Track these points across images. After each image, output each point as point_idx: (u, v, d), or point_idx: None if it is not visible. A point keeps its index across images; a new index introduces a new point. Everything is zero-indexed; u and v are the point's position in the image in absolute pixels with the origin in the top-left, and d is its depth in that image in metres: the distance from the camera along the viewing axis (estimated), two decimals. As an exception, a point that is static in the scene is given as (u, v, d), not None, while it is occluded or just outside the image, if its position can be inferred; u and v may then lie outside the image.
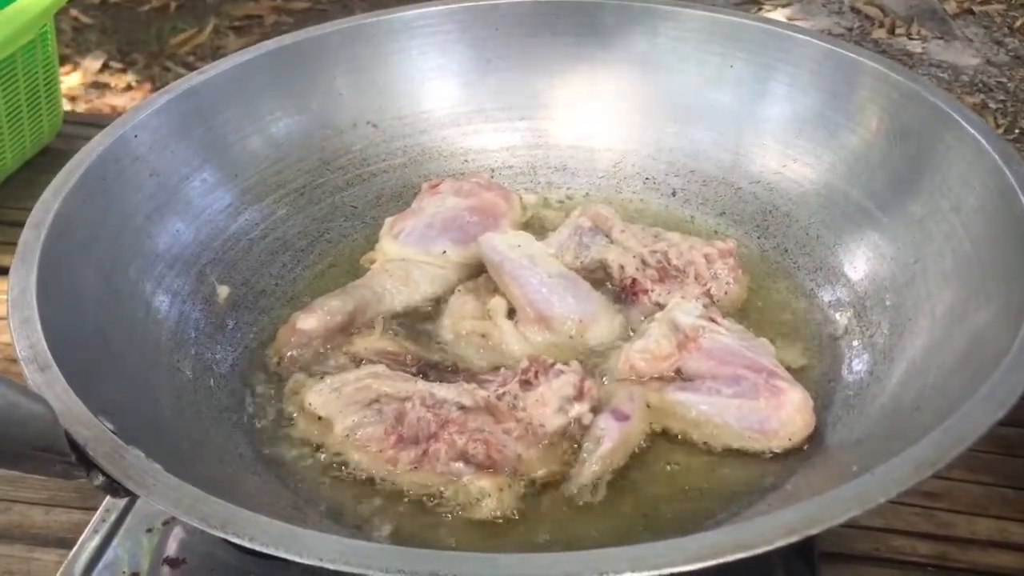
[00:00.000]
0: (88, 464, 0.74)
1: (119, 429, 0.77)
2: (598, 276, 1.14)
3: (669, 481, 0.93)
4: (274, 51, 1.24)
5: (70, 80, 3.37)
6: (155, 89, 3.53)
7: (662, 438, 0.97)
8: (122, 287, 1.00)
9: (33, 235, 0.94)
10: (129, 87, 3.45)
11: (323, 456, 0.96)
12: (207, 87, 1.17)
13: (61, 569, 0.93)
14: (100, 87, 3.43)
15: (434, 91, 1.32)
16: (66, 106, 1.61)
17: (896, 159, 1.10)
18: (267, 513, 0.70)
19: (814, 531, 0.64)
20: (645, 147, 1.31)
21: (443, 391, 0.95)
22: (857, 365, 1.01)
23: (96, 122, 1.75)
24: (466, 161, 1.33)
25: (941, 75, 3.68)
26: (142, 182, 1.10)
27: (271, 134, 1.23)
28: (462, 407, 0.93)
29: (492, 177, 1.31)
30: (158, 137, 1.12)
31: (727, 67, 1.24)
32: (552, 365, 0.98)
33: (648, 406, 0.98)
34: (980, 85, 3.60)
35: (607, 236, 1.16)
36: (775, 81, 1.21)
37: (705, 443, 0.96)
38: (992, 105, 3.54)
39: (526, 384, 0.97)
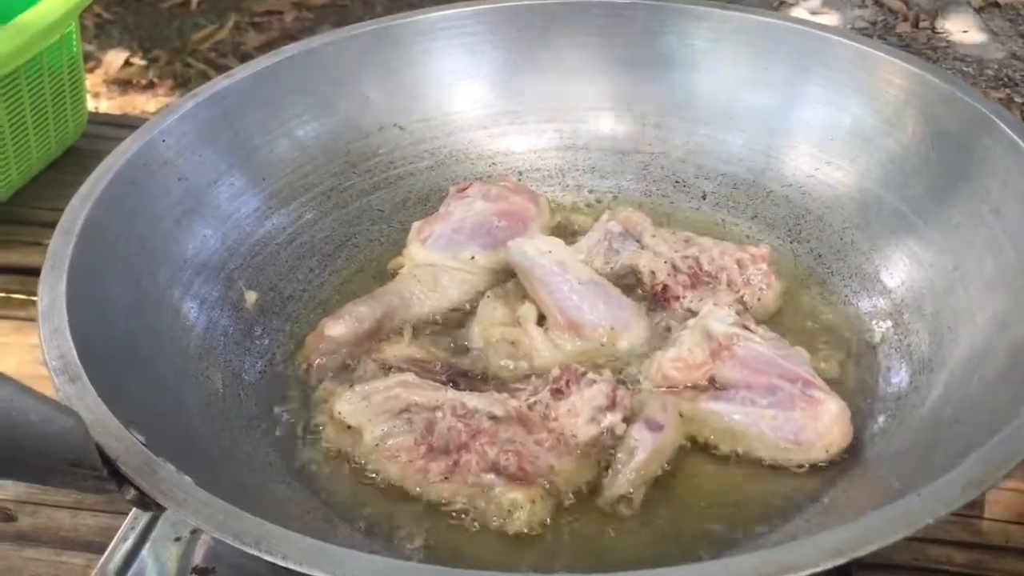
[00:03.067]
0: (120, 478, 0.73)
1: (149, 440, 0.76)
2: (628, 282, 1.13)
3: (703, 493, 0.91)
4: (300, 55, 1.23)
5: (92, 77, 3.38)
6: (177, 86, 3.55)
7: (695, 449, 0.95)
8: (151, 293, 0.99)
9: (63, 242, 0.93)
10: (151, 83, 3.45)
11: (353, 465, 0.95)
12: (233, 91, 1.16)
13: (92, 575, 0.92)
14: (122, 84, 3.44)
15: (461, 93, 1.31)
16: (89, 104, 1.60)
17: (933, 163, 1.08)
18: (297, 527, 0.69)
19: (862, 553, 0.62)
20: (675, 149, 1.29)
21: (473, 400, 0.94)
22: (895, 375, 0.99)
23: (121, 122, 1.76)
24: (493, 164, 1.31)
25: (966, 69, 3.63)
26: (170, 186, 1.09)
27: (297, 137, 1.22)
28: (493, 417, 0.92)
29: (520, 180, 1.30)
30: (186, 141, 1.12)
31: (760, 69, 1.22)
32: (584, 374, 0.97)
33: (681, 415, 0.97)
34: (1005, 79, 3.55)
35: (638, 241, 1.15)
36: (810, 84, 1.19)
37: (739, 454, 0.94)
38: (1018, 99, 3.49)
39: (557, 393, 0.96)
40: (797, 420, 0.92)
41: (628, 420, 0.95)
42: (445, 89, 1.31)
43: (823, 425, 0.92)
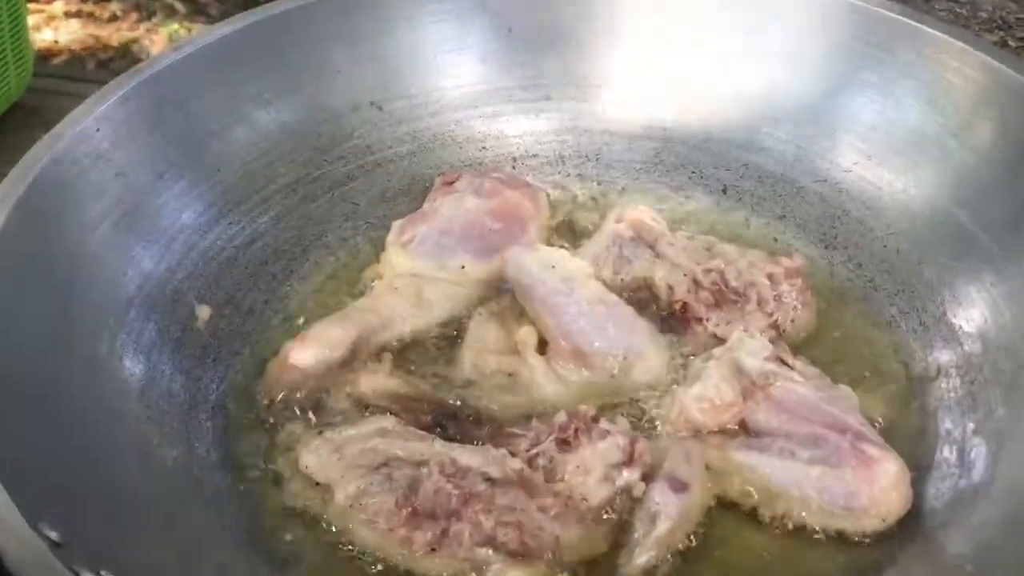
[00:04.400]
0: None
1: (66, 536, 0.61)
2: (642, 296, 0.98)
3: (737, 569, 0.78)
4: (259, 22, 1.04)
5: (52, 8, 3.14)
6: (141, 20, 3.32)
7: (725, 508, 0.82)
8: (77, 328, 0.83)
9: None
10: (114, 17, 3.22)
11: (323, 530, 0.80)
12: (181, 68, 0.98)
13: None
14: (84, 16, 3.20)
15: (447, 67, 1.13)
16: (47, 35, 1.41)
17: (1018, 179, 0.91)
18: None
19: None
20: (691, 134, 1.13)
21: (466, 456, 0.79)
22: (957, 420, 0.85)
23: (72, 74, 1.58)
24: (484, 148, 1.15)
25: (959, 11, 3.47)
26: (106, 185, 0.92)
27: (257, 121, 1.05)
28: (489, 479, 0.78)
29: (514, 168, 1.14)
30: (125, 130, 0.94)
31: (802, 44, 1.05)
32: (595, 420, 0.82)
33: (708, 468, 0.83)
34: (999, 22, 3.39)
35: (651, 248, 0.99)
36: (862, 68, 1.03)
37: (778, 519, 0.80)
38: (1012, 43, 3.35)
39: (564, 445, 0.81)
40: (848, 481, 0.78)
41: (647, 477, 0.81)
42: (429, 62, 1.13)
43: (879, 489, 0.78)
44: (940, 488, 0.80)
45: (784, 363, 0.86)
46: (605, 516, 0.79)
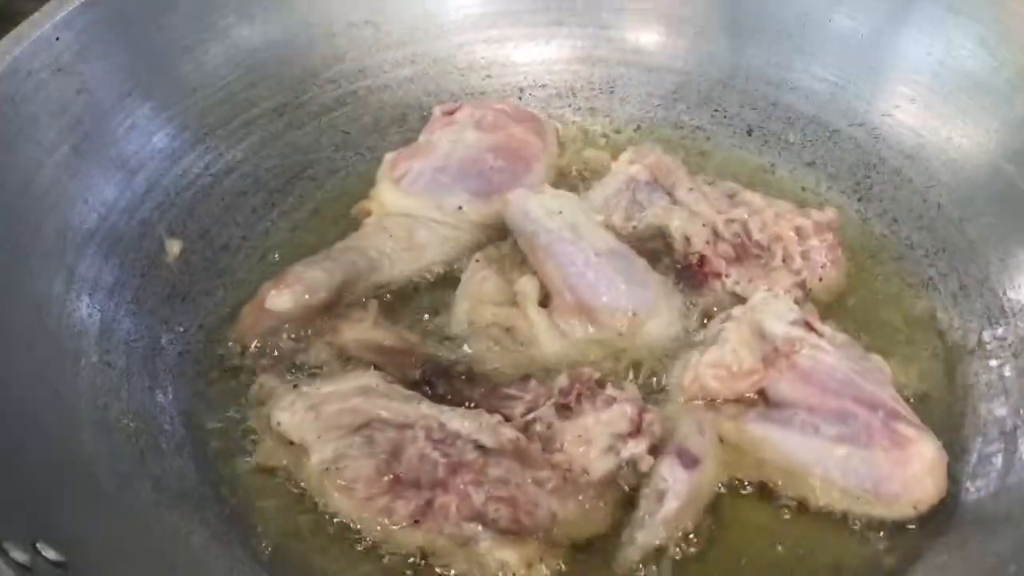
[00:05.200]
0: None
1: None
2: (655, 247, 0.89)
3: (751, 554, 0.70)
4: (244, -75, 0.94)
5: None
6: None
7: (739, 489, 0.74)
8: (31, 254, 0.74)
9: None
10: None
11: (294, 495, 0.73)
12: (154, -27, 0.89)
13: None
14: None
15: (451, -16, 1.03)
16: None
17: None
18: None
19: None
20: (716, 68, 1.03)
21: (456, 420, 0.71)
22: (1002, 402, 0.77)
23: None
24: (488, 77, 1.05)
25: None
26: (66, 102, 0.83)
27: (239, 37, 0.95)
28: (480, 447, 0.70)
29: (520, 99, 1.04)
30: (89, 40, 0.85)
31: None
32: (600, 385, 0.74)
33: (721, 440, 0.75)
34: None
35: (669, 194, 0.90)
36: (914, 1, 0.92)
37: (797, 500, 0.73)
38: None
39: (565, 410, 0.73)
40: (878, 464, 0.71)
41: (655, 449, 0.73)
42: (432, -22, 1.03)
43: (912, 474, 0.70)
44: (980, 477, 0.73)
45: (811, 328, 0.78)
46: (607, 491, 0.71)
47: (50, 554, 0.57)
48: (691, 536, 0.70)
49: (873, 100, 0.97)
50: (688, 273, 0.87)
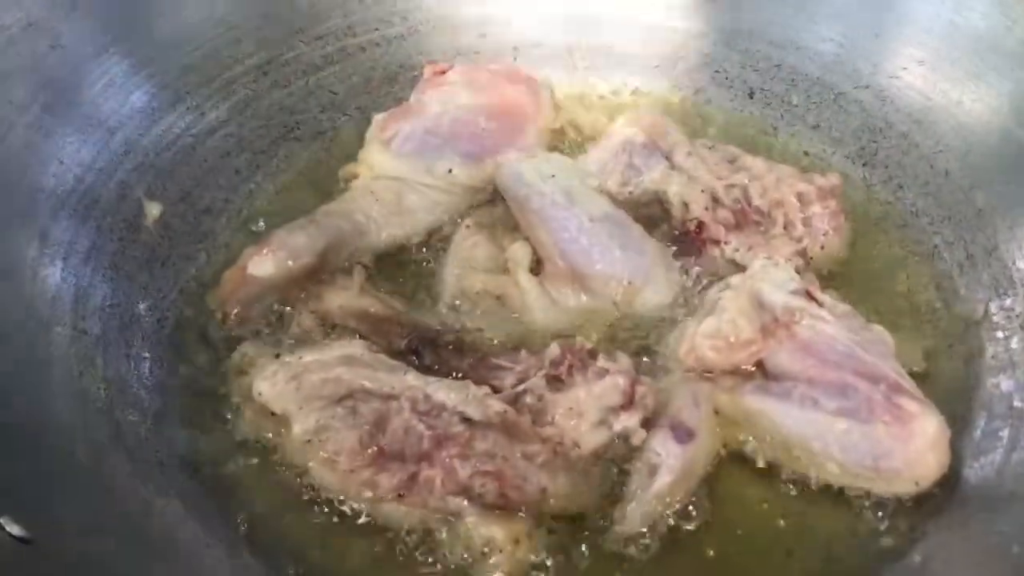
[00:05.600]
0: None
1: None
2: (652, 213, 0.86)
3: (745, 530, 0.68)
4: None
5: None
6: None
7: (734, 464, 0.71)
8: (2, 217, 0.72)
9: None
10: None
11: (276, 467, 0.70)
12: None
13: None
14: None
15: (446, -64, 1.00)
16: None
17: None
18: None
19: None
20: (717, 28, 1.00)
21: (442, 392, 0.69)
22: (1010, 376, 0.74)
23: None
24: (483, 35, 1.01)
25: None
26: (38, 59, 0.80)
27: (224, -11, 0.92)
28: (467, 419, 0.67)
29: (515, 59, 1.01)
30: (63, -9, 0.81)
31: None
32: (592, 356, 0.72)
33: (716, 413, 0.73)
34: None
35: (667, 159, 0.87)
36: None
37: (794, 476, 0.70)
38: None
39: (556, 382, 0.71)
40: (879, 439, 0.68)
41: (648, 423, 0.70)
42: (425, -72, 0.99)
43: (914, 450, 0.67)
44: (985, 454, 0.70)
45: (811, 297, 0.75)
46: (598, 466, 0.69)
47: (14, 529, 0.55)
48: (689, 509, 0.68)
49: (880, 61, 0.94)
50: (686, 240, 0.84)
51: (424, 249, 0.85)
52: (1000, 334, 0.77)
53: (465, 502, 0.66)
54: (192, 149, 0.89)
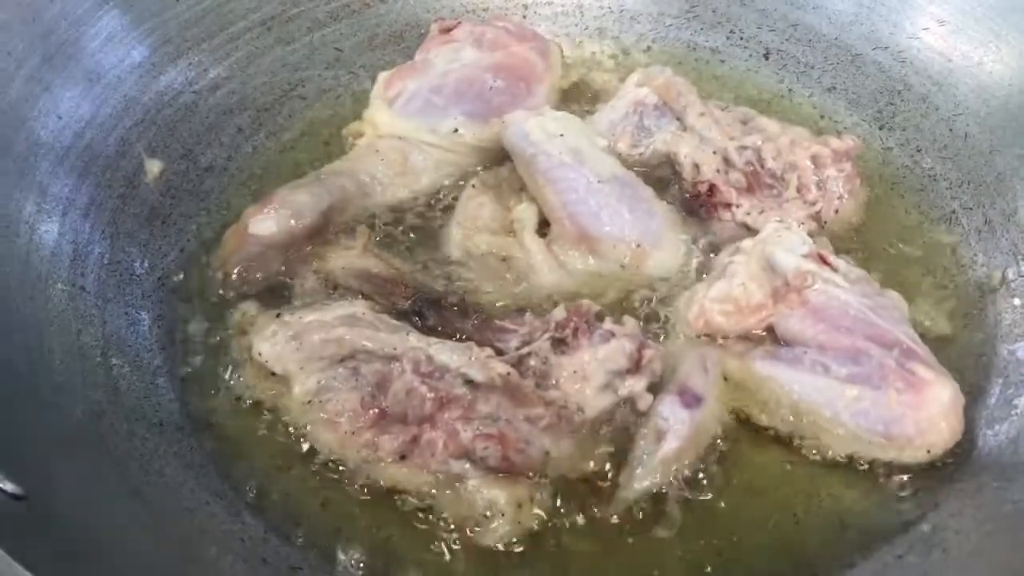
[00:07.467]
0: None
1: None
2: (663, 175, 0.84)
3: (753, 499, 0.67)
4: None
5: None
6: None
7: (742, 430, 0.70)
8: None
9: None
10: None
11: (276, 427, 0.69)
12: None
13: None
14: None
15: None
16: None
17: None
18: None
19: None
20: (733, -14, 0.97)
21: (444, 353, 0.67)
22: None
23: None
24: (492, -8, 0.99)
25: None
26: (38, 9, 0.78)
27: (225, -57, 0.90)
28: (470, 381, 0.66)
29: (524, 17, 0.99)
30: (61, -59, 0.79)
31: None
32: (599, 319, 0.70)
33: (725, 379, 0.71)
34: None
35: (678, 119, 0.85)
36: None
37: (804, 443, 0.69)
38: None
39: (561, 345, 0.69)
40: (891, 406, 0.67)
41: (654, 387, 0.69)
42: None
43: (927, 417, 0.66)
44: (999, 422, 0.68)
45: (824, 262, 0.73)
46: (603, 431, 0.68)
47: (8, 486, 0.54)
48: (700, 476, 0.66)
49: (900, 22, 0.91)
50: (697, 203, 0.82)
51: (429, 209, 0.83)
52: (1017, 301, 0.76)
53: (467, 465, 0.65)
54: (194, 106, 0.87)
